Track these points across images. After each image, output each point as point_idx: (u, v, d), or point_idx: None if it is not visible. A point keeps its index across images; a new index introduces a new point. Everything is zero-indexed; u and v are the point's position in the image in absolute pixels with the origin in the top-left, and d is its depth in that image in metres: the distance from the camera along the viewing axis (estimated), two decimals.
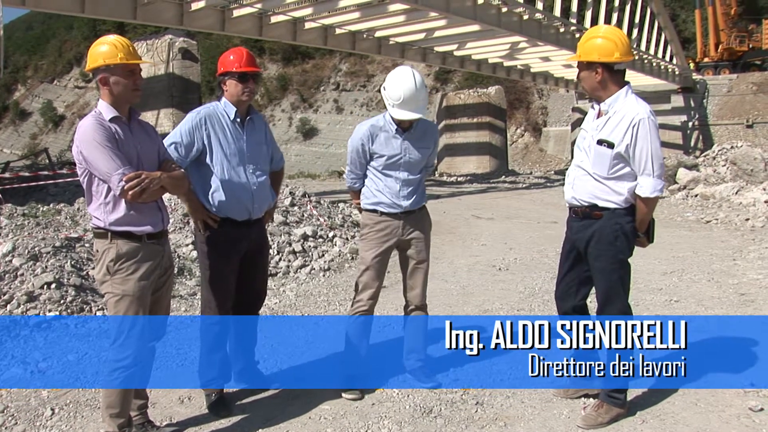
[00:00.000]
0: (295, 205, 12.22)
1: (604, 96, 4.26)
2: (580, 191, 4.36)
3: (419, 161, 4.84)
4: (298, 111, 62.95)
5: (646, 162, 4.09)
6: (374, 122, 4.82)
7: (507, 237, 12.62)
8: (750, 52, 53.57)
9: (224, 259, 4.56)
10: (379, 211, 4.83)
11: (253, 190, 4.56)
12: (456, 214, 16.94)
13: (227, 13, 20.42)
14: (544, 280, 8.50)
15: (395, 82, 4.63)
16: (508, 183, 30.18)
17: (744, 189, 17.18)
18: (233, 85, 4.52)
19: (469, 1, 21.42)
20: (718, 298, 7.44)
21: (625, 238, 4.24)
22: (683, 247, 10.80)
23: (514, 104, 51.64)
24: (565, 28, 26.65)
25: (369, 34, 24.77)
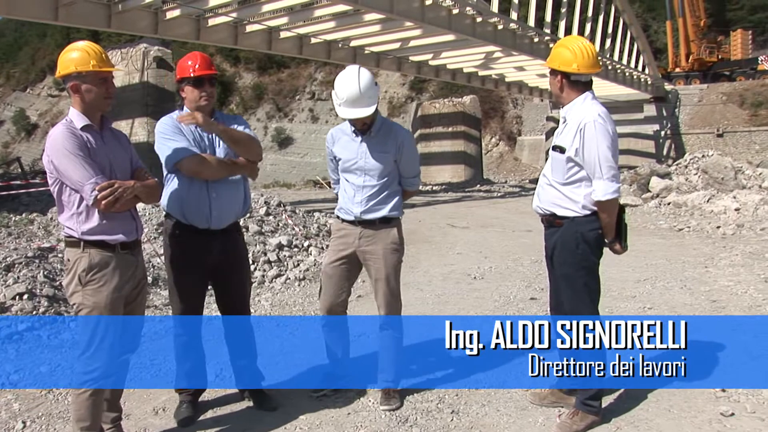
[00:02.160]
0: (270, 214, 12.18)
1: (564, 102, 4.33)
2: (543, 199, 4.42)
3: (378, 166, 4.67)
4: (273, 120, 62.85)
5: (595, 165, 4.10)
6: (339, 127, 4.83)
7: (482, 246, 12.65)
8: (719, 63, 54.42)
9: (185, 268, 4.48)
10: (340, 217, 4.81)
11: (212, 197, 4.40)
12: (431, 223, 16.96)
13: (202, 22, 20.38)
14: (519, 288, 8.52)
15: (339, 82, 4.53)
16: (483, 192, 30.28)
17: (715, 197, 17.34)
18: (190, 90, 4.42)
19: (444, 11, 21.54)
20: (690, 305, 7.50)
21: (587, 246, 4.24)
22: (656, 255, 10.88)
23: (488, 113, 51.87)
24: (539, 38, 26.85)
25: (344, 43, 24.82)
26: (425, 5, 20.66)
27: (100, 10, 18.13)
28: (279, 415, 4.67)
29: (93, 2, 17.94)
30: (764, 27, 60.85)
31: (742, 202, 16.21)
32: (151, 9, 19.11)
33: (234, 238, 4.67)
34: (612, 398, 4.67)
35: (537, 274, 9.10)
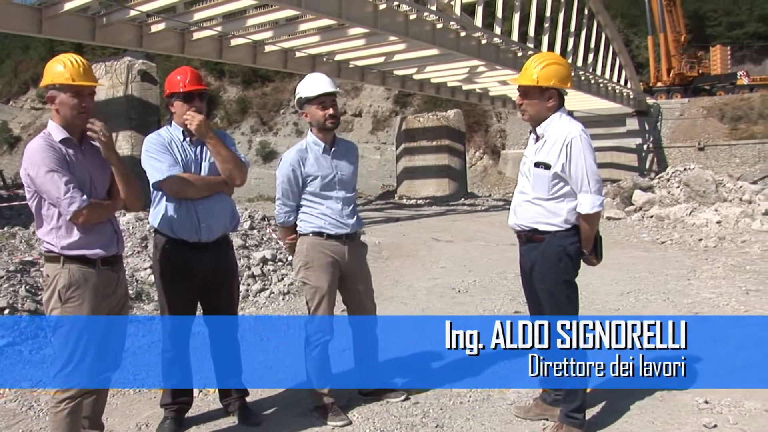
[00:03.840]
0: (254, 228, 12.12)
1: (541, 120, 4.31)
2: (522, 216, 4.41)
3: (351, 178, 4.83)
4: (257, 134, 62.74)
5: (583, 179, 4.12)
6: (299, 147, 4.78)
7: (466, 259, 12.64)
8: (700, 78, 55.03)
9: (176, 282, 4.45)
10: (325, 233, 4.73)
11: (199, 210, 4.39)
12: (415, 237, 16.94)
13: (187, 36, 20.40)
14: (503, 302, 8.51)
15: (305, 80, 4.77)
16: (468, 206, 30.31)
17: (697, 210, 17.44)
18: (179, 105, 4.42)
19: (428, 25, 21.62)
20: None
21: (569, 259, 4.26)
22: (639, 268, 10.91)
23: (472, 127, 51.96)
24: (523, 52, 26.96)
25: (329, 57, 24.87)
26: (409, 20, 20.76)
27: (85, 23, 18.10)
28: (263, 431, 4.63)
29: (77, 15, 17.93)
30: (742, 43, 61.50)
31: (723, 215, 16.32)
32: (136, 22, 19.12)
33: (224, 251, 4.66)
34: (596, 410, 4.66)
35: (521, 288, 9.01)
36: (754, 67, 59.95)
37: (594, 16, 35.79)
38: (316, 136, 4.76)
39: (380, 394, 5.03)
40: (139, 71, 24.90)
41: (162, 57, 26.83)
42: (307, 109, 4.74)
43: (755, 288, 8.97)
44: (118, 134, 24.56)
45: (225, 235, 4.66)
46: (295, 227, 4.83)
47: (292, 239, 4.88)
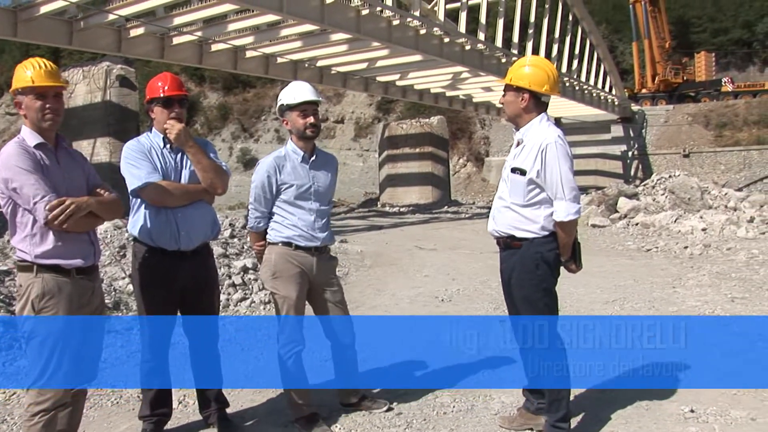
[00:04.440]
0: (234, 236, 12.09)
1: (521, 122, 4.35)
2: (500, 222, 4.43)
3: (327, 190, 4.82)
4: (238, 141, 62.59)
5: (557, 186, 4.14)
6: (277, 154, 4.76)
7: (450, 268, 12.65)
8: (684, 84, 55.45)
9: (156, 291, 4.43)
10: (294, 244, 4.70)
11: (179, 217, 4.37)
12: (398, 245, 16.95)
13: (167, 41, 20.32)
14: (487, 310, 8.52)
15: (286, 90, 4.76)
16: (451, 213, 30.34)
17: (682, 217, 17.53)
18: (159, 111, 4.41)
19: (411, 31, 21.66)
20: None
21: (547, 266, 4.27)
22: (624, 276, 10.95)
23: (456, 134, 52.09)
24: (507, 58, 27.08)
25: (311, 63, 24.87)
26: (392, 25, 20.80)
27: (61, 27, 17.98)
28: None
29: (54, 18, 17.79)
30: (726, 50, 62.06)
31: (708, 223, 16.42)
32: (114, 27, 19.02)
33: (204, 259, 4.64)
34: (579, 419, 4.67)
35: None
36: (739, 73, 60.54)
37: (578, 22, 36.01)
38: (296, 144, 4.75)
39: (362, 405, 5.02)
40: (117, 76, 24.81)
41: (141, 62, 26.75)
42: (287, 116, 4.73)
43: (741, 296, 9.03)
44: (95, 141, 24.45)
45: (205, 244, 4.64)
46: (265, 234, 4.81)
47: (260, 246, 4.85)
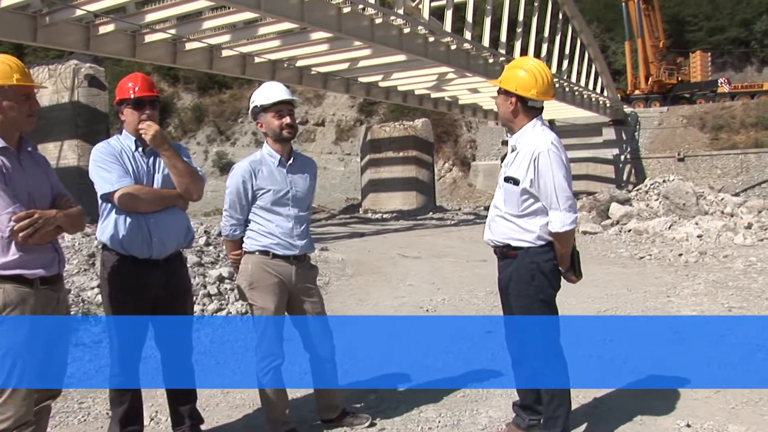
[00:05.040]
0: (210, 244, 12.05)
1: (514, 128, 4.34)
2: (496, 232, 4.42)
3: (306, 195, 4.79)
4: (214, 144, 62.47)
5: (551, 196, 4.13)
6: (252, 158, 4.74)
7: (435, 277, 12.66)
8: (679, 85, 55.79)
9: (126, 301, 4.39)
10: (271, 253, 4.66)
11: (151, 224, 4.34)
12: (381, 253, 16.96)
13: (138, 38, 20.22)
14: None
15: (259, 90, 4.74)
16: (436, 220, 30.40)
17: (677, 224, 17.65)
18: (130, 113, 4.39)
19: (394, 30, 21.69)
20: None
21: (544, 277, 4.26)
22: (617, 285, 10.99)
23: (441, 137, 52.22)
24: (494, 58, 27.18)
25: (290, 63, 24.88)
26: (375, 24, 20.82)
27: (25, 22, 17.82)
28: None
29: (16, 13, 17.66)
30: (723, 49, 62.48)
31: (704, 229, 16.53)
32: (82, 23, 18.90)
33: (177, 268, 4.60)
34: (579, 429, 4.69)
35: (492, 306, 9.12)
36: (736, 74, 61.00)
37: (569, 20, 36.21)
38: (272, 147, 4.72)
39: (344, 421, 5.01)
40: (86, 76, 24.67)
41: (111, 61, 26.62)
42: (262, 118, 4.70)
43: (738, 305, 9.09)
44: (63, 143, 24.31)
45: (178, 252, 4.61)
46: (241, 242, 4.78)
47: (236, 255, 4.82)
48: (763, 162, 43.29)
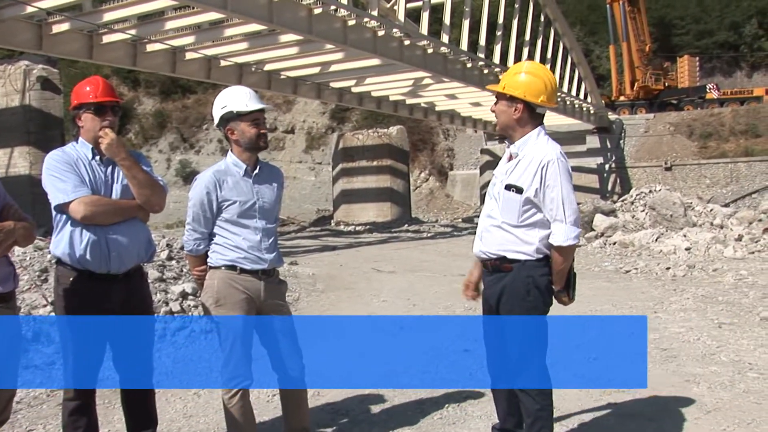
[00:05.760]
0: (172, 258, 11.98)
1: (515, 136, 4.30)
2: (489, 243, 4.36)
3: (273, 206, 4.74)
4: (177, 152, 62.23)
5: (558, 207, 4.11)
6: (217, 168, 4.68)
7: (410, 292, 12.66)
8: (666, 91, 56.25)
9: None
10: (239, 267, 4.62)
11: (110, 237, 4.30)
12: (354, 267, 16.96)
13: (96, 39, 20.06)
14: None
15: (231, 95, 4.64)
16: (412, 232, 30.44)
17: (664, 236, 17.76)
18: (89, 119, 4.34)
19: (368, 32, 21.74)
20: None
21: (539, 292, 4.23)
22: (601, 300, 11.04)
23: (417, 146, 52.34)
24: (473, 63, 27.29)
25: (258, 66, 24.84)
26: (348, 26, 20.86)
27: None
28: None
29: None
30: (711, 53, 63.15)
31: (692, 241, 16.64)
32: (34, 21, 18.70)
33: (137, 283, 4.56)
34: None
35: (470, 324, 9.15)
36: (725, 79, 61.73)
37: (551, 23, 36.44)
38: (239, 157, 4.67)
39: None
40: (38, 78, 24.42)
41: (66, 62, 26.40)
42: (235, 125, 4.63)
43: (729, 321, 9.13)
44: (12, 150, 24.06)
45: (138, 266, 4.57)
46: (205, 257, 4.73)
47: (201, 271, 4.76)
48: (753, 171, 43.71)
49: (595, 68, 55.41)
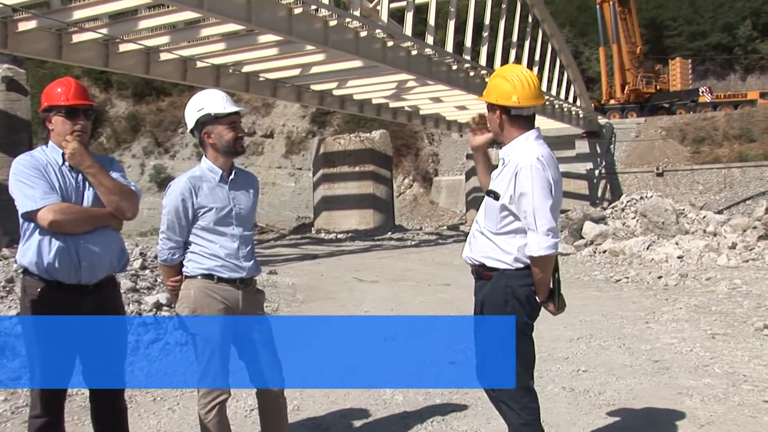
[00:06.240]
0: (146, 268, 11.94)
1: (504, 141, 4.29)
2: (474, 249, 4.37)
3: (249, 213, 4.72)
4: (151, 156, 62.04)
5: (529, 215, 4.06)
6: (192, 174, 4.65)
7: (394, 302, 12.64)
8: (657, 94, 56.45)
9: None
10: (216, 276, 4.59)
11: (80, 245, 4.26)
12: (335, 276, 16.94)
13: (65, 38, 19.91)
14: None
15: (207, 97, 4.61)
16: (395, 240, 30.44)
17: (655, 244, 17.82)
18: (60, 122, 4.30)
19: (350, 33, 21.74)
20: (629, 366, 7.62)
21: (518, 303, 4.20)
22: (591, 310, 11.06)
23: (401, 151, 52.37)
24: (458, 65, 27.32)
25: (235, 68, 24.80)
26: (329, 26, 20.85)
27: None
28: None
29: None
30: (704, 56, 63.48)
31: (685, 249, 16.71)
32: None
33: (109, 294, 4.51)
34: None
35: (456, 334, 9.15)
36: (718, 82, 62.08)
37: (539, 24, 36.55)
38: (214, 162, 4.64)
39: None
40: (3, 78, 24.21)
41: (34, 62, 26.24)
42: (212, 128, 4.60)
43: (722, 331, 9.18)
44: None
45: (111, 277, 4.53)
46: (180, 267, 4.68)
47: (175, 281, 4.71)
48: (747, 177, 43.93)
49: (584, 71, 55.66)
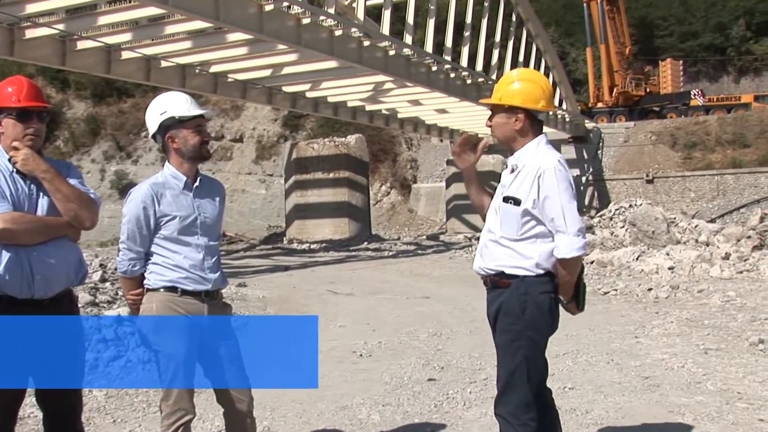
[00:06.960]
0: (106, 280, 11.89)
1: (517, 147, 4.35)
2: (488, 258, 4.40)
3: (215, 222, 4.70)
4: (112, 162, 61.69)
5: (557, 217, 4.16)
6: (154, 180, 4.61)
7: (370, 316, 12.65)
8: (647, 97, 56.69)
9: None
10: (180, 289, 4.55)
11: (33, 257, 4.18)
12: (308, 289, 16.92)
13: (18, 33, 19.57)
14: (415, 367, 8.53)
15: (170, 100, 4.59)
16: (372, 251, 30.45)
17: (645, 254, 17.90)
18: (11, 125, 4.23)
19: (324, 32, 21.72)
20: (618, 383, 7.65)
21: (537, 311, 4.25)
22: (578, 324, 11.04)
23: (378, 156, 52.40)
24: (438, 66, 27.37)
25: (202, 68, 24.71)
26: (302, 25, 20.81)
27: None
28: None
29: None
30: (696, 57, 63.87)
31: (676, 260, 16.79)
32: None
33: (66, 309, 4.43)
34: None
35: (436, 350, 9.15)
36: (711, 84, 62.53)
37: (523, 23, 36.65)
38: (178, 168, 4.59)
39: None
40: None
41: None
42: (176, 132, 4.55)
43: (715, 346, 9.22)
44: None
45: (67, 290, 4.47)
46: (141, 279, 4.64)
47: (135, 295, 4.66)
48: (741, 184, 44.20)
49: (570, 72, 55.91)
